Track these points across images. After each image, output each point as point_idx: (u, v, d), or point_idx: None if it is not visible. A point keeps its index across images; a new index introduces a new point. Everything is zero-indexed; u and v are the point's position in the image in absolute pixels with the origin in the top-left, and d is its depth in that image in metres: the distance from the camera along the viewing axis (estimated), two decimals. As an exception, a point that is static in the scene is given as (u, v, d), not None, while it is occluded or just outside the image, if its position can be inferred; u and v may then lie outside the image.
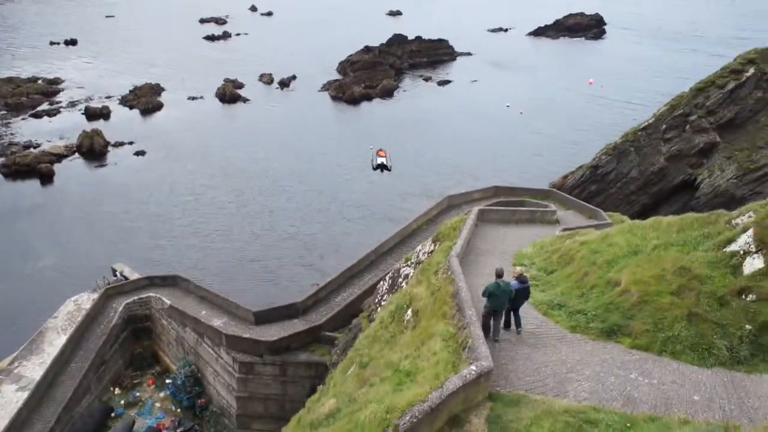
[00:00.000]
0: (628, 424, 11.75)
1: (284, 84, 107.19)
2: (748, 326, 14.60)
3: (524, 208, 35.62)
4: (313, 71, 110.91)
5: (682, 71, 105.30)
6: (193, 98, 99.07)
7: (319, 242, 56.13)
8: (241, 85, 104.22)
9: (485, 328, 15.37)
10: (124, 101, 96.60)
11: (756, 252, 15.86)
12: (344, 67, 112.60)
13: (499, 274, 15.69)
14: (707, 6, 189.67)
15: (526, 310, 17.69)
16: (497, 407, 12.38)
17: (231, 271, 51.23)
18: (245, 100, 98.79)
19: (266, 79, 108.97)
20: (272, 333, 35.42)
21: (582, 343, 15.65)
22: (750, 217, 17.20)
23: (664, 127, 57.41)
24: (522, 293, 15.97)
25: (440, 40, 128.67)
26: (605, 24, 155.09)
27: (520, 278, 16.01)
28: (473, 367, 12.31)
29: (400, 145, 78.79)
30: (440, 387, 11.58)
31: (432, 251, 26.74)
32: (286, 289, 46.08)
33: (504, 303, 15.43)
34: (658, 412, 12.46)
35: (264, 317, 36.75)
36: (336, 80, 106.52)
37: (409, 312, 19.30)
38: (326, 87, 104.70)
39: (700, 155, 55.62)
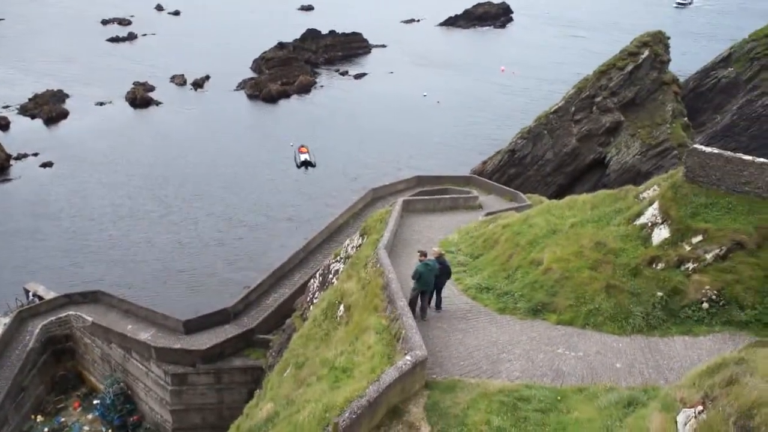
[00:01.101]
0: (559, 398, 12.26)
1: (198, 85, 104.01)
2: (659, 293, 15.56)
3: (447, 196, 36.33)
4: (227, 70, 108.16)
5: (586, 55, 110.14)
6: (102, 104, 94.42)
7: (247, 245, 55.08)
8: (152, 88, 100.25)
9: (413, 310, 15.87)
10: (24, 110, 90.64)
11: (662, 223, 16.90)
12: (259, 64, 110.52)
13: (425, 254, 16.37)
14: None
15: (456, 296, 18.13)
16: (434, 394, 12.59)
17: (157, 283, 49.42)
18: (158, 104, 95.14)
19: (178, 81, 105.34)
20: (204, 341, 34.56)
21: (511, 324, 16.18)
22: (655, 190, 18.30)
23: (573, 109, 59.99)
24: (444, 272, 16.62)
25: (354, 34, 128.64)
26: (512, 12, 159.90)
27: (440, 258, 16.61)
28: (408, 358, 12.46)
29: (322, 140, 78.41)
30: (377, 380, 11.65)
31: (360, 245, 26.83)
32: (216, 296, 44.94)
33: (432, 282, 16.10)
34: (585, 383, 13.08)
35: (194, 326, 35.77)
36: (251, 78, 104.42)
37: (342, 308, 19.31)
38: (242, 86, 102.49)
39: (607, 134, 58.53)
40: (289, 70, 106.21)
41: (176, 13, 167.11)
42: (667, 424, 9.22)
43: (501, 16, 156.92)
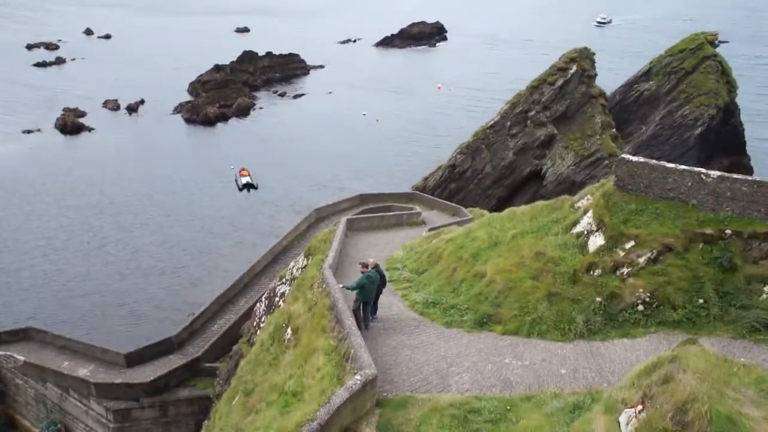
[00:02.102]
0: (508, 407, 12.49)
1: (132, 109, 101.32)
2: (598, 298, 16.14)
3: (391, 213, 36.61)
4: (162, 94, 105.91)
5: (518, 71, 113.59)
6: (29, 131, 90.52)
7: (191, 272, 53.62)
8: (83, 114, 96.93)
9: (357, 321, 16.27)
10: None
11: (597, 230, 17.59)
12: (195, 87, 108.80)
13: (366, 266, 16.83)
14: (535, 15, 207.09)
15: (403, 312, 18.25)
16: (386, 412, 12.58)
17: (96, 316, 47.37)
18: (90, 130, 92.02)
19: (111, 106, 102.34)
20: (147, 373, 33.34)
21: (459, 337, 16.39)
22: (588, 199, 19.04)
23: (508, 123, 61.75)
24: (381, 282, 17.17)
25: (291, 55, 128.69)
26: (446, 31, 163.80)
27: (377, 269, 17.07)
28: (358, 377, 12.42)
29: (263, 162, 77.68)
30: (328, 402, 11.55)
31: (305, 266, 26.64)
32: (159, 325, 43.49)
33: (374, 293, 16.72)
34: (533, 391, 13.39)
35: (136, 358, 34.50)
36: (188, 102, 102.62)
37: (289, 330, 19.06)
38: (178, 109, 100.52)
39: (542, 147, 60.48)
40: (226, 92, 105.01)
41: (107, 36, 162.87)
42: (610, 426, 9.52)
43: (435, 35, 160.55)
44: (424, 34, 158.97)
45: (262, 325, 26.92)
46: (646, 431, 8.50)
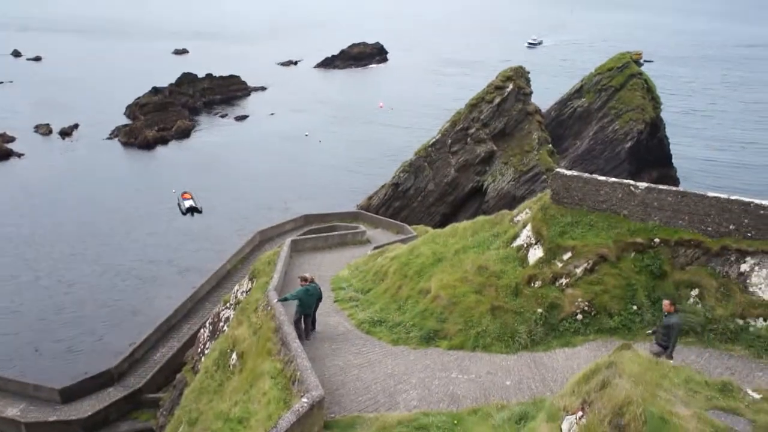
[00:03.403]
0: (456, 422, 12.60)
1: (66, 134, 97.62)
2: (539, 309, 16.57)
3: (336, 233, 36.58)
4: (98, 118, 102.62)
5: (457, 90, 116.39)
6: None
7: (131, 301, 51.59)
8: (12, 139, 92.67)
9: (299, 332, 16.84)
10: None
11: (536, 243, 18.09)
12: (133, 110, 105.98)
13: (305, 279, 17.40)
14: (470, 36, 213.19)
15: (350, 332, 18.20)
16: (334, 434, 12.49)
17: (28, 353, 44.75)
18: (20, 155, 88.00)
19: (43, 130, 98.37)
20: (85, 408, 31.87)
21: (405, 354, 16.46)
22: (527, 213, 19.59)
23: (449, 141, 62.96)
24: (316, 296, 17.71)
25: (232, 76, 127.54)
26: (387, 52, 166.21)
27: (312, 283, 17.59)
28: (305, 400, 12.28)
29: (206, 185, 76.20)
30: (274, 427, 11.35)
31: (250, 289, 26.23)
32: (97, 358, 41.45)
33: (312, 305, 17.31)
34: (479, 404, 13.57)
35: (73, 393, 32.93)
36: (125, 125, 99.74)
37: (234, 356, 18.69)
38: (115, 133, 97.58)
39: (482, 163, 61.90)
40: (165, 115, 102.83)
41: (37, 59, 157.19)
42: (553, 433, 9.75)
43: (376, 56, 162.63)
44: (365, 54, 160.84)
45: (206, 352, 26.27)
46: (586, 436, 8.74)
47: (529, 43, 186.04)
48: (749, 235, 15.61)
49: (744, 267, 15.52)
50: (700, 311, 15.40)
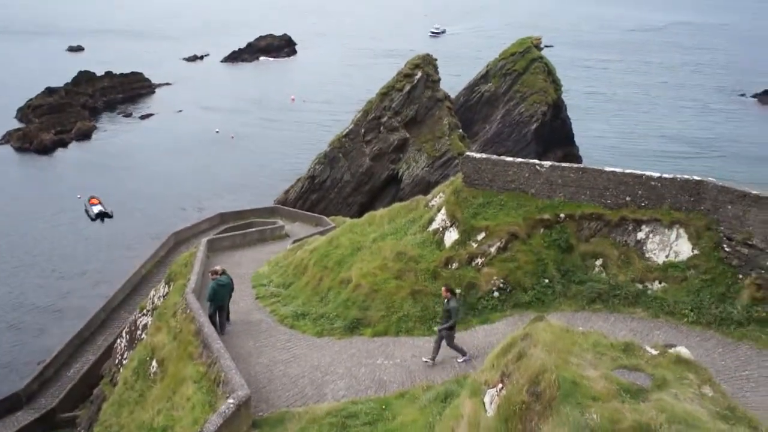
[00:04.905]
0: (384, 407, 12.81)
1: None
2: (458, 290, 17.05)
3: (253, 230, 35.94)
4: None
5: (367, 79, 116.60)
6: None
7: (39, 318, 48.31)
8: None
9: (214, 326, 16.74)
10: None
11: (451, 226, 18.59)
12: (25, 113, 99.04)
13: (215, 272, 17.38)
14: (374, 26, 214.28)
15: (273, 328, 18.04)
16: (264, 432, 12.38)
17: None
18: None
19: None
20: (-8, 436, 29.83)
21: (331, 345, 16.52)
22: (441, 197, 20.07)
23: (362, 131, 63.18)
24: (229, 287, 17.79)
25: (134, 74, 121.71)
26: (295, 44, 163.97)
27: (223, 275, 17.63)
28: (231, 401, 12.10)
29: (115, 188, 72.64)
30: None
31: (167, 293, 25.38)
32: (3, 381, 38.85)
33: (226, 298, 17.40)
34: (406, 387, 13.85)
35: (-24, 421, 30.69)
36: (18, 129, 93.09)
37: (154, 363, 18.06)
38: (6, 138, 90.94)
39: (396, 151, 62.60)
40: (63, 116, 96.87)
41: None
42: (477, 407, 10.12)
43: (285, 48, 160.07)
44: (273, 47, 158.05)
45: (124, 362, 25.22)
46: (507, 406, 9.15)
47: (432, 32, 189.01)
48: (643, 204, 16.76)
49: (640, 235, 16.66)
50: (605, 279, 16.42)
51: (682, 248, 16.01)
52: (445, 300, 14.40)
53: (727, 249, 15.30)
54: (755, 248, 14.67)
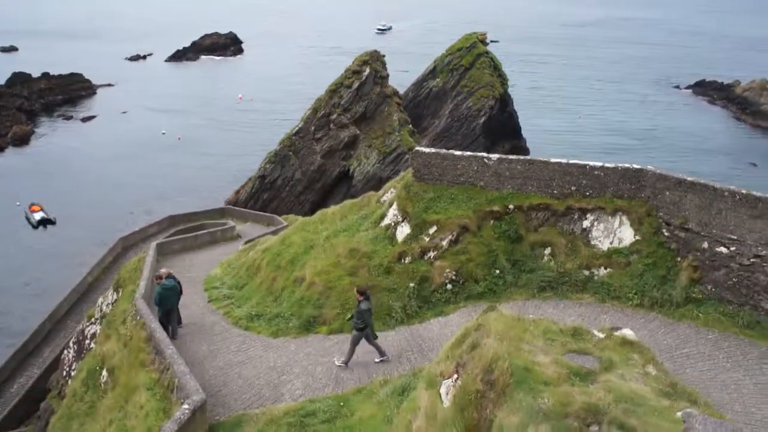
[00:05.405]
0: (342, 404, 12.88)
1: None
2: (411, 284, 17.23)
3: (204, 231, 35.30)
4: None
5: (315, 76, 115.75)
6: None
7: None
8: None
9: (165, 330, 16.42)
10: None
11: (402, 221, 18.74)
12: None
13: (160, 277, 17.03)
14: (320, 23, 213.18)
15: (227, 330, 17.81)
16: (220, 435, 12.25)
17: None
18: None
19: None
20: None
21: (286, 345, 16.42)
22: (392, 193, 20.19)
23: (312, 128, 62.84)
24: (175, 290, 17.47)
25: (73, 75, 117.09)
26: (241, 42, 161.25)
27: (171, 277, 17.32)
28: (186, 406, 11.91)
29: (57, 194, 69.97)
30: (154, 438, 10.92)
31: (116, 300, 24.71)
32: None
33: (174, 301, 17.06)
34: (363, 383, 13.94)
35: None
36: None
37: (105, 373, 17.57)
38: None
39: (347, 148, 62.56)
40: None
41: None
42: (433, 398, 10.28)
43: (230, 46, 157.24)
44: (218, 45, 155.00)
45: (72, 374, 24.43)
46: (462, 396, 9.34)
47: (379, 29, 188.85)
48: (588, 194, 17.29)
49: (585, 223, 17.20)
50: (553, 267, 16.88)
51: (625, 234, 16.61)
52: (358, 302, 14.39)
53: (666, 233, 15.96)
54: (691, 232, 15.36)
